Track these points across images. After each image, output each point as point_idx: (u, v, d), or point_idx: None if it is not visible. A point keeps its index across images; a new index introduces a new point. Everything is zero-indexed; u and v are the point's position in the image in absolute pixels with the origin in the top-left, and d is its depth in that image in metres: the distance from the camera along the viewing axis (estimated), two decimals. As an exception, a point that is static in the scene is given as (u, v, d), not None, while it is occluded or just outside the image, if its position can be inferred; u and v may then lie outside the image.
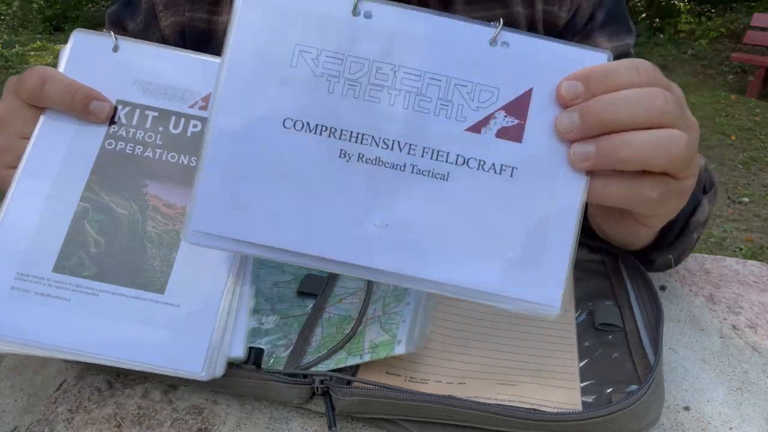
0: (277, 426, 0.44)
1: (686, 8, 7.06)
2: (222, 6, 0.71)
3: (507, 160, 0.36)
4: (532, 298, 0.36)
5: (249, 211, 0.36)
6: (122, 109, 0.46)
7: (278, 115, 0.36)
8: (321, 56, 0.36)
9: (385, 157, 0.36)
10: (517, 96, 0.36)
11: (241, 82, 0.36)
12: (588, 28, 0.70)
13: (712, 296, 0.63)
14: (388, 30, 0.36)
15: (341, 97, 0.36)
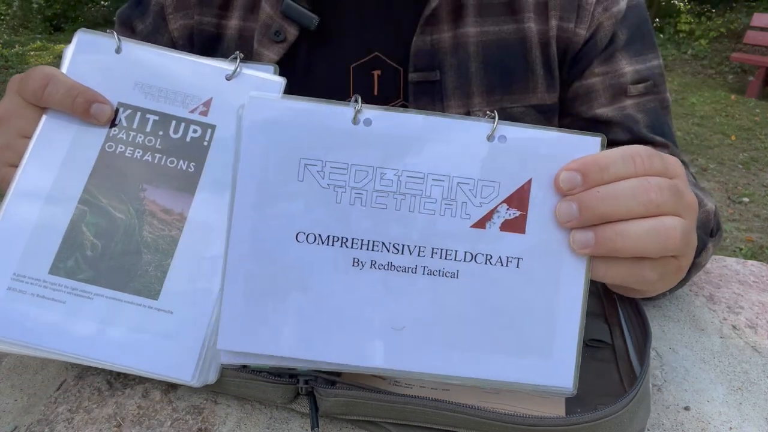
0: (277, 426, 0.44)
1: (686, 8, 7.06)
2: (231, 10, 0.71)
3: (512, 252, 0.37)
4: (546, 382, 0.37)
5: (270, 326, 0.37)
6: (123, 111, 0.46)
7: (291, 229, 0.37)
8: (326, 168, 0.37)
9: (396, 262, 0.37)
10: (517, 188, 0.37)
11: (252, 200, 0.37)
12: (610, 49, 0.68)
13: (712, 296, 0.63)
14: (388, 135, 0.37)
15: (349, 207, 0.37)
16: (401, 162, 0.37)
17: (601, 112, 0.69)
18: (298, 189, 0.37)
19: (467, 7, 0.67)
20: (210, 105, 0.47)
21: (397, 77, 0.69)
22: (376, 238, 0.37)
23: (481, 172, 0.37)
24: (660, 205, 0.36)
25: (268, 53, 0.68)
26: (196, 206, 0.44)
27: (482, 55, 0.67)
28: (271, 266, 0.37)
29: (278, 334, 0.37)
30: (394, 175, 0.37)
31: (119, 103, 0.46)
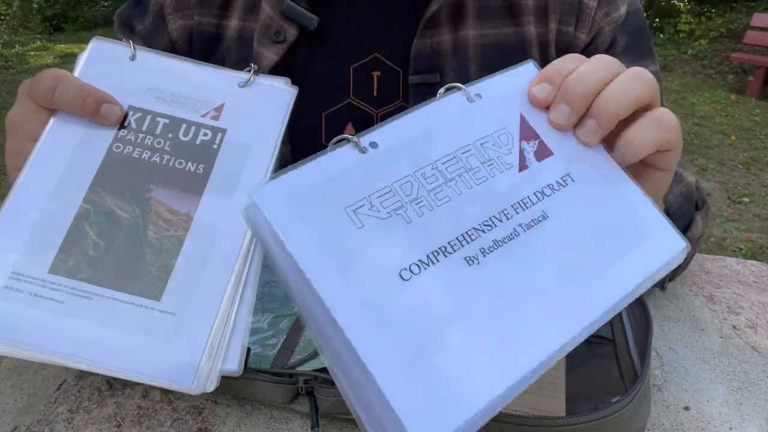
0: (277, 426, 0.44)
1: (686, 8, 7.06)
2: (231, 10, 0.71)
3: (561, 171, 0.39)
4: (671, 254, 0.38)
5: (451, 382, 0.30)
6: (133, 114, 0.46)
7: (390, 275, 0.32)
8: (373, 201, 0.34)
9: (498, 236, 0.35)
10: (519, 124, 0.40)
11: (331, 275, 0.31)
12: (609, 54, 0.69)
13: (712, 296, 0.63)
14: (399, 144, 0.37)
15: (421, 219, 0.34)
16: (428, 156, 0.37)
17: None
18: (365, 235, 0.33)
19: (467, 10, 0.67)
20: (222, 110, 0.47)
21: (396, 79, 0.69)
22: (466, 228, 0.35)
23: (488, 126, 0.39)
24: (617, 65, 0.41)
25: (267, 53, 0.68)
26: (203, 207, 0.43)
27: (482, 58, 0.68)
28: (400, 323, 0.31)
29: (466, 382, 0.30)
30: (432, 169, 0.36)
31: (129, 106, 0.46)
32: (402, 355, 0.30)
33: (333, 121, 0.71)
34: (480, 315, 0.32)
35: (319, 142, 0.72)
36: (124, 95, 0.46)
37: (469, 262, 0.34)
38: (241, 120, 0.47)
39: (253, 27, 0.70)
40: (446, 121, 0.38)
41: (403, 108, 0.69)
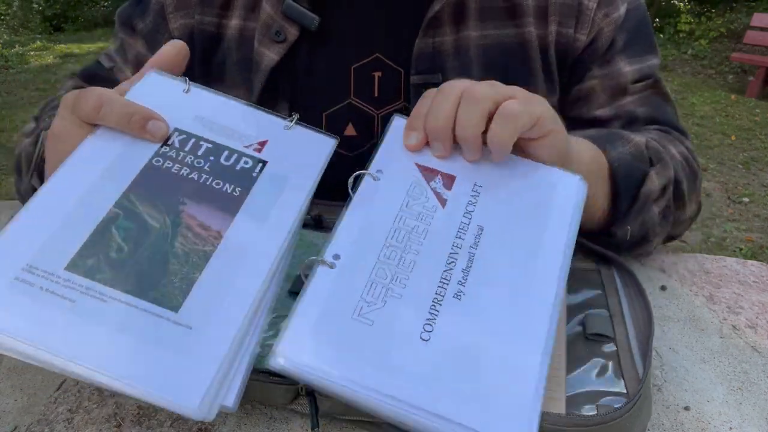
0: (277, 426, 0.44)
1: (686, 8, 7.06)
2: (232, 10, 0.71)
3: (469, 186, 0.47)
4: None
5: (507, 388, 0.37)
6: (178, 135, 0.46)
7: (415, 345, 0.38)
8: (367, 298, 0.40)
9: (462, 266, 0.43)
10: (420, 172, 0.47)
11: (375, 375, 0.37)
12: (609, 53, 0.69)
13: (712, 296, 0.63)
14: (353, 245, 0.43)
15: (406, 289, 0.41)
16: (378, 241, 0.43)
17: (600, 113, 0.70)
18: (378, 327, 0.39)
19: (469, 11, 0.67)
20: (265, 145, 0.48)
21: (398, 79, 0.69)
22: (439, 275, 0.42)
23: (401, 189, 0.46)
24: (468, 88, 0.45)
25: (268, 53, 0.68)
26: (236, 227, 0.43)
27: (483, 59, 0.67)
28: (444, 370, 0.38)
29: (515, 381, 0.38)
30: (387, 248, 0.43)
31: (175, 128, 0.46)
32: (462, 394, 0.36)
33: (333, 121, 0.71)
34: (493, 326, 0.39)
35: None
36: (172, 119, 0.46)
37: (458, 297, 0.40)
38: (283, 156, 0.48)
39: (253, 26, 0.70)
40: (371, 205, 0.45)
41: (404, 108, 0.69)
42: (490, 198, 0.46)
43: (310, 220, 0.67)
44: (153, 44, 0.74)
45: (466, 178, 0.47)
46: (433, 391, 0.36)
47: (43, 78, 5.53)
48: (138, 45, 0.75)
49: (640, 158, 0.60)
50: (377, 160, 0.48)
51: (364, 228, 0.44)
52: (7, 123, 4.26)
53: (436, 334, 0.39)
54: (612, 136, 0.62)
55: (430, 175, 0.47)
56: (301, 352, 0.37)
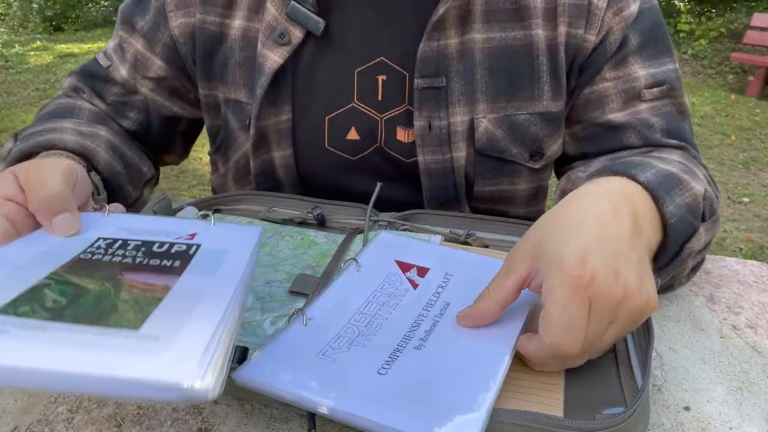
0: (277, 426, 0.44)
1: (686, 8, 7.06)
2: (235, 10, 0.70)
3: (441, 275, 0.55)
4: None
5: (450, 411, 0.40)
6: (103, 241, 0.45)
7: (373, 377, 0.42)
8: (332, 345, 0.45)
9: (426, 327, 0.48)
10: (397, 267, 0.56)
11: (334, 396, 0.40)
12: (622, 53, 0.67)
13: (712, 296, 0.63)
14: (328, 311, 0.49)
15: (371, 341, 0.46)
16: (352, 309, 0.49)
17: (613, 117, 0.68)
18: (340, 364, 0.43)
19: (474, 13, 0.66)
20: (195, 236, 0.48)
21: (402, 82, 0.69)
22: (404, 332, 0.47)
23: (378, 277, 0.54)
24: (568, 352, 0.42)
25: (272, 55, 0.68)
26: (183, 280, 0.40)
27: (488, 62, 0.67)
28: (397, 394, 0.41)
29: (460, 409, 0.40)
30: (358, 315, 0.49)
31: (99, 237, 0.46)
32: (408, 409, 0.39)
33: (336, 125, 0.70)
34: (448, 366, 0.43)
35: (321, 146, 0.71)
36: (92, 233, 0.46)
37: (418, 348, 0.45)
38: (215, 241, 0.47)
39: (257, 27, 0.69)
40: (350, 287, 0.52)
41: (408, 112, 0.69)
42: (458, 282, 0.53)
43: (313, 219, 0.67)
44: (153, 43, 0.74)
45: (439, 268, 0.55)
46: (378, 405, 0.39)
47: (43, 78, 5.53)
48: (137, 44, 0.75)
49: (694, 212, 0.54)
50: (361, 257, 0.56)
51: (340, 301, 0.50)
52: (7, 123, 4.26)
53: (392, 371, 0.42)
54: (670, 180, 0.53)
55: (405, 267, 0.55)
56: (262, 371, 0.42)
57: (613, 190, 0.49)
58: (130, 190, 0.72)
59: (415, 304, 0.50)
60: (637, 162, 0.55)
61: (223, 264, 0.43)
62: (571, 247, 0.42)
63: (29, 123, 0.72)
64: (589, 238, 0.42)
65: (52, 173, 0.48)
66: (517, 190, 0.74)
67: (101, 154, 0.65)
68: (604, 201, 0.46)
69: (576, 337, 0.40)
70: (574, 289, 0.40)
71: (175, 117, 0.80)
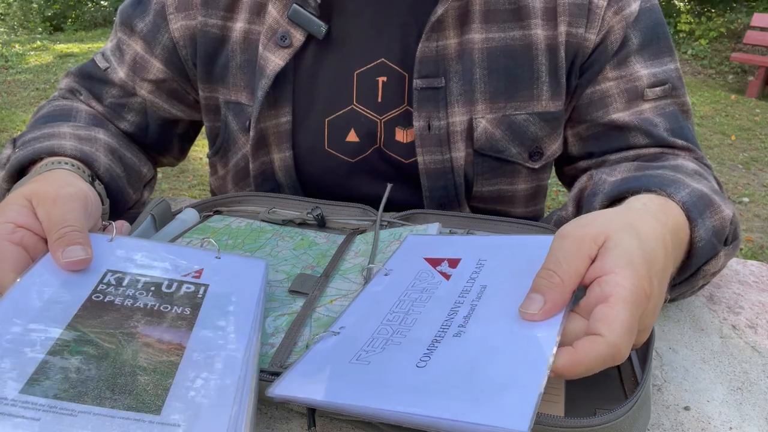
0: (277, 426, 0.44)
1: (686, 8, 7.06)
2: (237, 12, 0.70)
3: (473, 263, 0.51)
4: None
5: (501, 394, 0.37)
6: (112, 275, 0.45)
7: (412, 371, 0.40)
8: (366, 348, 0.43)
9: (464, 313, 0.45)
10: (427, 264, 0.53)
11: (378, 393, 0.39)
12: (623, 53, 0.68)
13: (712, 296, 0.63)
14: (360, 318, 0.47)
15: (407, 337, 0.43)
16: (383, 311, 0.47)
17: (617, 117, 0.68)
18: (375, 366, 0.41)
19: (473, 14, 0.66)
20: (202, 273, 0.48)
21: (402, 83, 0.68)
22: (441, 322, 0.44)
23: (408, 278, 0.51)
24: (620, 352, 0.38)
25: (273, 58, 0.67)
26: (195, 338, 0.41)
27: (487, 62, 0.67)
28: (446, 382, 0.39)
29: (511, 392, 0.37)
30: (391, 314, 0.47)
31: (107, 269, 0.46)
32: (460, 396, 0.36)
33: (336, 127, 0.70)
34: (492, 349, 0.40)
35: (320, 148, 0.71)
36: (100, 263, 0.46)
37: (457, 336, 0.42)
38: (222, 279, 0.48)
39: (259, 30, 0.69)
40: (380, 290, 0.51)
41: (407, 112, 0.69)
42: (493, 265, 0.50)
43: (313, 219, 0.67)
44: (152, 45, 0.73)
45: (471, 257, 0.52)
46: (419, 396, 0.37)
47: (43, 78, 5.53)
48: (136, 45, 0.75)
49: (719, 236, 0.55)
50: (389, 262, 0.54)
51: (371, 306, 0.49)
52: (7, 123, 4.26)
53: (432, 361, 0.40)
54: (703, 201, 0.54)
55: (435, 262, 0.53)
56: (296, 385, 0.41)
57: (674, 221, 0.50)
58: (131, 192, 0.71)
59: (449, 294, 0.47)
60: (670, 178, 0.55)
61: (231, 312, 0.45)
62: (644, 259, 0.41)
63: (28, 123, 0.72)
64: (654, 260, 0.42)
65: (73, 207, 0.48)
66: (516, 189, 0.74)
67: (101, 158, 0.65)
68: (666, 229, 0.47)
69: (630, 340, 0.39)
70: (640, 298, 0.39)
71: (173, 119, 0.80)
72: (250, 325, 0.44)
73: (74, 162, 0.61)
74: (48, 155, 0.62)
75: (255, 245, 0.62)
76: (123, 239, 0.50)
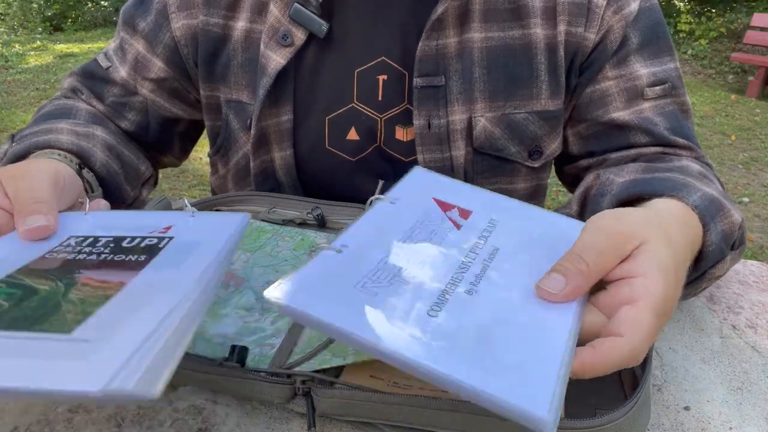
0: (277, 426, 0.44)
1: (686, 8, 7.06)
2: (238, 11, 0.70)
3: (485, 219, 0.49)
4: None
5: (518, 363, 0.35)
6: (75, 239, 0.45)
7: (423, 318, 0.37)
8: (370, 278, 0.40)
9: (476, 271, 0.43)
10: (437, 205, 0.50)
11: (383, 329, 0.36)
12: (623, 52, 0.68)
13: (712, 296, 0.63)
14: (363, 242, 0.43)
15: (414, 279, 0.41)
16: (389, 243, 0.44)
17: (617, 116, 0.68)
18: (382, 298, 0.38)
19: (473, 13, 0.66)
20: (170, 229, 0.47)
21: (402, 82, 0.69)
22: (451, 275, 0.42)
23: (416, 213, 0.48)
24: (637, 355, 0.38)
25: (275, 56, 0.68)
26: (141, 277, 0.40)
27: (487, 61, 0.67)
28: (454, 340, 0.36)
29: (530, 359, 0.36)
30: (397, 248, 0.43)
31: (71, 235, 0.46)
32: (475, 362, 0.34)
33: (336, 125, 0.70)
34: (508, 315, 0.38)
35: (321, 147, 0.71)
36: (66, 231, 0.46)
37: (469, 293, 0.40)
38: (191, 232, 0.46)
39: (260, 29, 0.69)
40: (386, 218, 0.47)
41: (407, 111, 0.69)
42: (505, 229, 0.47)
43: (313, 219, 0.67)
44: (154, 44, 0.74)
45: (482, 212, 0.49)
46: (432, 350, 0.34)
47: (43, 78, 5.53)
48: (138, 45, 0.75)
49: (728, 240, 0.55)
50: (393, 191, 0.50)
51: (376, 232, 0.44)
52: (7, 123, 4.26)
53: (444, 314, 0.37)
54: (714, 206, 0.53)
55: (446, 206, 0.50)
56: (299, 293, 0.37)
57: (693, 233, 0.50)
58: (128, 190, 0.71)
59: (460, 245, 0.45)
60: (680, 182, 0.55)
61: (191, 256, 0.42)
62: (675, 269, 0.41)
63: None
64: (680, 271, 0.43)
65: (41, 179, 0.48)
66: (516, 189, 0.74)
67: (97, 154, 0.65)
68: (687, 240, 0.47)
69: (648, 347, 0.39)
70: (667, 307, 0.40)
71: (174, 118, 0.80)
72: (203, 268, 0.40)
73: (64, 153, 0.62)
74: (44, 149, 0.62)
75: (255, 245, 0.62)
76: (99, 212, 0.50)
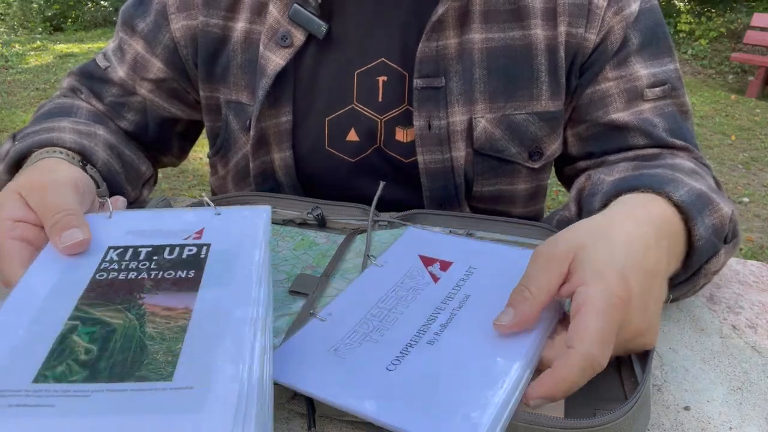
0: (277, 426, 0.44)
1: (686, 8, 7.06)
2: (238, 12, 0.70)
3: (464, 268, 0.54)
4: None
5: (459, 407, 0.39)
6: (114, 251, 0.45)
7: (381, 373, 0.42)
8: (345, 341, 0.46)
9: (443, 321, 0.47)
10: (420, 261, 0.55)
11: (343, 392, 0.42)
12: (623, 53, 0.68)
13: (712, 296, 0.63)
14: (346, 307, 0.50)
15: (384, 336, 0.46)
16: (369, 304, 0.49)
17: (616, 117, 0.68)
18: (350, 361, 0.43)
19: (473, 14, 0.66)
20: (203, 233, 0.48)
21: (402, 83, 0.69)
22: (420, 325, 0.46)
23: (400, 272, 0.53)
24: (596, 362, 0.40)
25: (274, 57, 0.67)
26: (202, 299, 0.41)
27: (487, 62, 0.67)
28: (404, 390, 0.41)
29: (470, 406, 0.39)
30: (376, 308, 0.49)
31: (109, 246, 0.46)
32: (418, 409, 0.39)
33: (336, 126, 0.70)
34: (459, 363, 0.42)
35: (321, 148, 0.71)
36: (102, 241, 0.46)
37: (431, 343, 0.44)
38: (224, 236, 0.47)
39: (260, 30, 0.69)
40: (371, 282, 0.52)
41: (407, 112, 0.69)
42: (482, 275, 0.52)
43: (313, 219, 0.67)
44: (153, 45, 0.74)
45: (463, 262, 0.54)
46: (381, 401, 0.39)
47: (43, 78, 5.53)
48: (137, 45, 0.75)
49: (719, 234, 0.55)
50: (386, 254, 0.56)
51: (359, 296, 0.50)
52: (7, 123, 4.26)
53: (401, 366, 0.42)
54: (702, 200, 0.53)
55: (428, 262, 0.54)
56: (278, 363, 0.43)
57: (657, 215, 0.50)
58: (129, 189, 0.72)
59: (433, 298, 0.49)
60: (668, 177, 0.55)
61: (236, 268, 0.44)
62: (617, 266, 0.42)
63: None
64: (631, 263, 0.43)
65: (64, 189, 0.49)
66: (516, 189, 0.74)
67: (99, 153, 0.65)
68: (648, 226, 0.47)
69: (608, 349, 0.40)
70: (614, 306, 0.40)
71: (173, 118, 0.80)
72: (255, 279, 0.43)
73: (67, 151, 0.62)
74: (47, 147, 0.62)
75: (255, 245, 0.62)
76: (121, 213, 0.50)
